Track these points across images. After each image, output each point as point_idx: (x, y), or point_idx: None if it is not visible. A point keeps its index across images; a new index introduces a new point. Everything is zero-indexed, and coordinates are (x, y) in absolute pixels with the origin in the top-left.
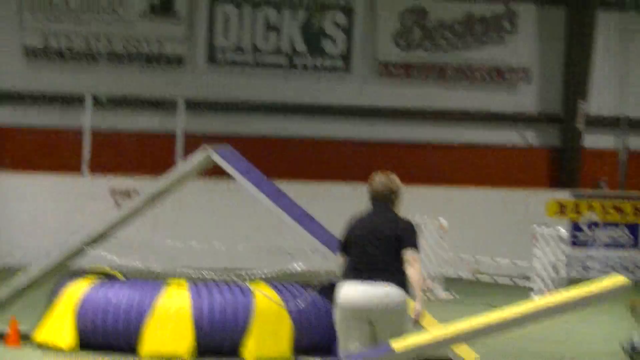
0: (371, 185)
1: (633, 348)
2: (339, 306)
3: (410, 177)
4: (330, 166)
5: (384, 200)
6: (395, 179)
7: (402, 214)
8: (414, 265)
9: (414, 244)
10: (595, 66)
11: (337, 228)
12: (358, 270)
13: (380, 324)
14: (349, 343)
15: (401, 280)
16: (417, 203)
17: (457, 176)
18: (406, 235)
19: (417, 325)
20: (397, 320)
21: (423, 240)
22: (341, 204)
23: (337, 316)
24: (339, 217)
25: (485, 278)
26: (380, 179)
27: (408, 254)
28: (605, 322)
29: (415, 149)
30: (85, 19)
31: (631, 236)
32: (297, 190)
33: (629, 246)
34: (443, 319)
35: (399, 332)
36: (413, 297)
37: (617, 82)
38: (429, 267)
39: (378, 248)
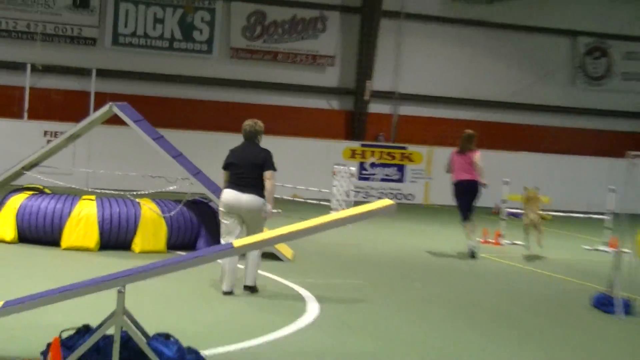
0: (244, 127)
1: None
2: (220, 205)
3: None
4: (196, 119)
5: (251, 138)
6: (259, 123)
7: (262, 145)
8: (269, 181)
9: (270, 166)
10: (378, 57)
11: (203, 164)
12: (234, 183)
13: (246, 219)
14: (227, 234)
15: (260, 192)
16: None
17: (282, 129)
18: (265, 162)
19: (268, 219)
20: (256, 217)
21: None
22: (204, 146)
23: (220, 213)
24: (204, 155)
25: (300, 200)
26: (249, 123)
27: (267, 174)
28: (384, 232)
29: (255, 108)
30: (27, 9)
31: (398, 173)
32: (174, 136)
33: (397, 180)
34: (270, 227)
35: (258, 225)
36: (268, 201)
37: (391, 68)
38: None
39: (247, 170)
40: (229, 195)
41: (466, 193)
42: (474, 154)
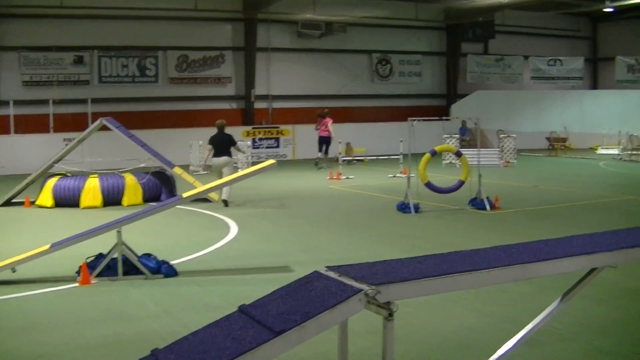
0: (217, 123)
1: (316, 163)
2: (211, 164)
3: (184, 125)
4: (152, 122)
5: (221, 128)
6: (224, 121)
7: (227, 132)
8: (237, 149)
9: (235, 143)
10: (257, 75)
11: (158, 148)
12: (215, 152)
13: (223, 170)
14: (214, 178)
15: (228, 155)
16: (189, 135)
17: (204, 123)
18: (230, 140)
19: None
20: (228, 169)
21: (195, 152)
22: (158, 138)
23: (211, 169)
24: (159, 144)
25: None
26: (220, 120)
27: (236, 146)
28: (272, 179)
29: (187, 113)
30: (47, 67)
31: (275, 142)
32: (140, 134)
33: (275, 147)
34: (204, 182)
35: (229, 172)
36: (236, 160)
37: (265, 81)
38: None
39: (221, 145)
40: (214, 159)
41: (323, 142)
42: (328, 120)
